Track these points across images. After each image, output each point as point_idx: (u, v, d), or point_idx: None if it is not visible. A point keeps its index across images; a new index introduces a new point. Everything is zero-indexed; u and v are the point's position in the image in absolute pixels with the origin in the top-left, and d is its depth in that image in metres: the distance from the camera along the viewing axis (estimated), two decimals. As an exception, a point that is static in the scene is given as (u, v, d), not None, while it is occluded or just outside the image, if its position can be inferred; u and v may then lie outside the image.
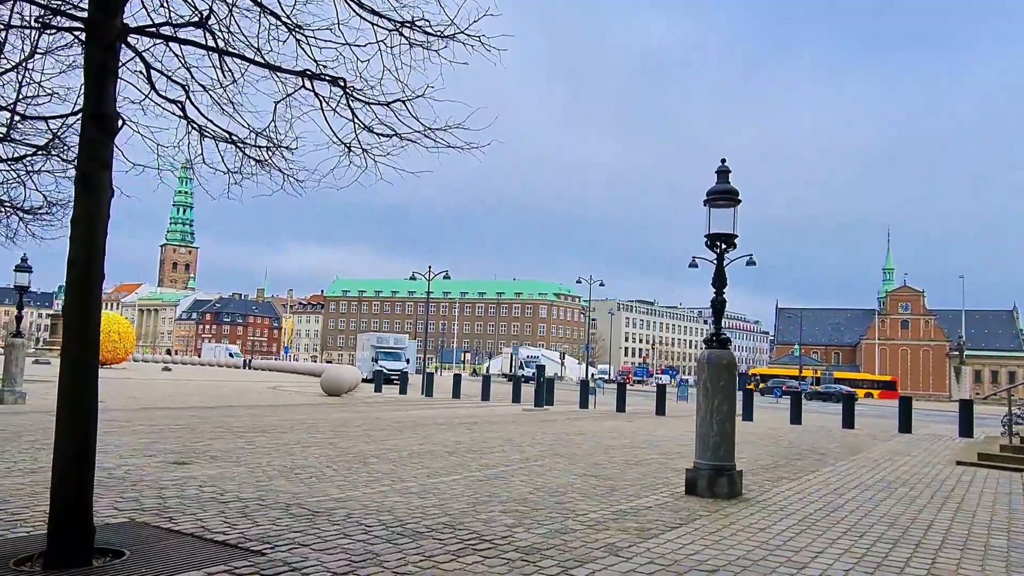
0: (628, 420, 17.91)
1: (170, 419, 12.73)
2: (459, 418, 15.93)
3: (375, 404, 19.78)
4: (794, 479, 8.53)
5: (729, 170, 7.24)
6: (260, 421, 13.08)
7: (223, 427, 11.71)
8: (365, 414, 15.84)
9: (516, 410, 19.98)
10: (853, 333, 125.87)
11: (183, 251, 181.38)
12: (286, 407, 17.18)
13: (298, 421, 13.40)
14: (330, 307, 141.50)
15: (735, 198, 7.13)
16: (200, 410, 15.06)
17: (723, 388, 6.89)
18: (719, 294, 7.16)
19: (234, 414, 14.36)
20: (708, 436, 6.85)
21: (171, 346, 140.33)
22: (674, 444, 12.17)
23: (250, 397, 20.34)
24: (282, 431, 11.51)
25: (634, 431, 14.60)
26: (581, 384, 23.40)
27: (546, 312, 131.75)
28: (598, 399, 24.16)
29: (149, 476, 7.03)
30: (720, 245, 7.16)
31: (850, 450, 12.47)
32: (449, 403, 22.52)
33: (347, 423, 13.45)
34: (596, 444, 11.65)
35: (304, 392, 24.08)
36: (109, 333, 37.59)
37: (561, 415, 18.85)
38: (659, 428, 15.75)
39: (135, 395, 18.73)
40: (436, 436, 11.75)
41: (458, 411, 18.51)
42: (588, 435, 13.20)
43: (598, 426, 15.49)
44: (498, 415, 17.68)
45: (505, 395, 29.55)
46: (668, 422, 17.98)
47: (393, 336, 40.30)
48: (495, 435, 12.38)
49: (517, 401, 23.54)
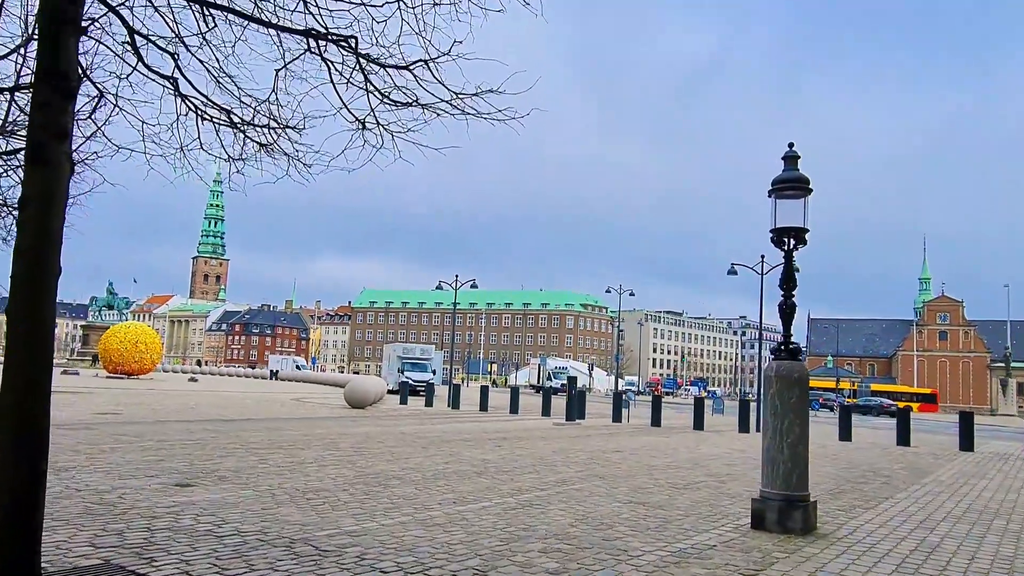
0: (665, 435, 16.90)
1: (184, 433, 12.07)
2: (487, 433, 15.08)
3: (400, 417, 19.02)
4: (868, 508, 7.52)
5: (798, 155, 6.34)
6: (278, 436, 12.36)
7: (237, 443, 11.01)
8: (389, 429, 15.07)
9: (546, 424, 19.07)
10: (888, 344, 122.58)
11: (214, 263, 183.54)
12: (307, 420, 16.49)
13: (318, 436, 12.66)
14: (357, 318, 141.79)
15: (805, 186, 6.22)
16: (217, 423, 14.41)
17: (794, 406, 5.96)
18: (788, 297, 6.23)
19: (252, 428, 13.68)
20: (777, 461, 5.91)
21: (201, 357, 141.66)
22: (721, 464, 11.18)
23: (272, 409, 19.71)
24: (299, 447, 10.76)
25: (675, 448, 13.61)
26: (614, 397, 22.39)
27: (573, 323, 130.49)
28: (631, 412, 23.12)
29: (144, 502, 6.29)
30: (788, 241, 6.24)
31: (916, 472, 11.35)
32: (476, 416, 21.67)
33: (369, 438, 12.67)
34: (637, 463, 10.71)
35: (328, 404, 23.42)
36: (136, 343, 37.47)
37: (594, 430, 17.89)
38: (701, 445, 14.73)
39: (154, 407, 18.20)
40: (463, 454, 10.92)
41: (486, 425, 17.66)
42: (626, 453, 12.26)
43: (635, 442, 14.53)
44: (528, 430, 16.80)
45: (534, 407, 28.61)
46: (709, 438, 16.93)
47: (419, 347, 39.59)
48: (526, 452, 11.50)
49: (547, 414, 22.61)
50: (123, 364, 37.37)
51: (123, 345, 37.17)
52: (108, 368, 38.07)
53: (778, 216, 6.29)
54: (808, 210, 6.23)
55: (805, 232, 6.23)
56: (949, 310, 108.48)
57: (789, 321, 6.19)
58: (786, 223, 6.24)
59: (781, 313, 6.22)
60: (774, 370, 6.07)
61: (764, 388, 6.14)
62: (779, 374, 6.04)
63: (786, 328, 6.20)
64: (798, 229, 6.22)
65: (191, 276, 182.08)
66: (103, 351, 38.12)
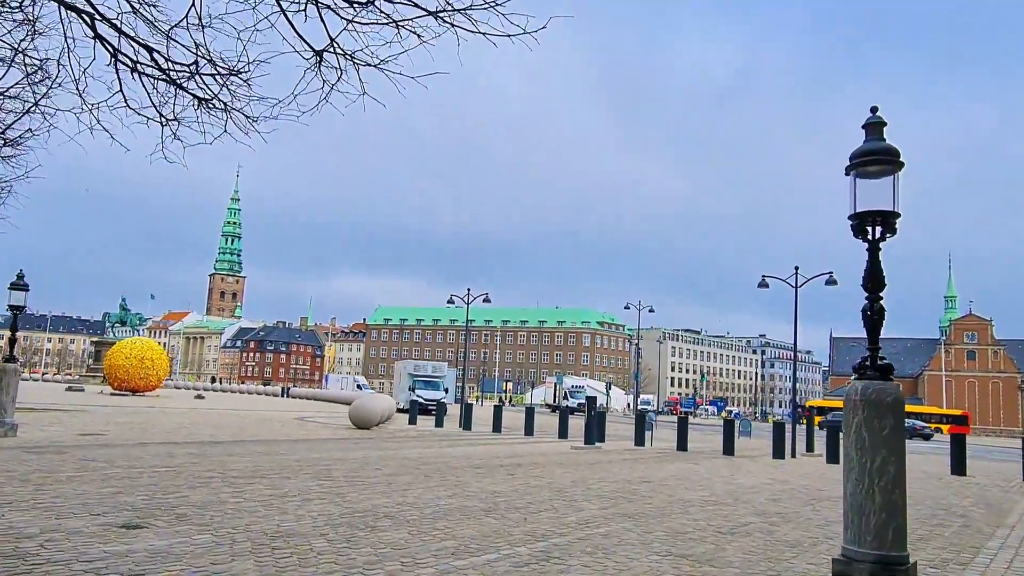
0: (694, 462, 15.47)
1: (162, 458, 10.87)
2: (499, 458, 13.76)
3: (406, 440, 17.73)
4: (964, 563, 6.13)
5: (883, 121, 5.05)
6: (266, 461, 11.12)
7: (217, 470, 9.78)
8: (391, 453, 13.79)
9: (564, 448, 17.69)
10: (914, 364, 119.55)
11: (231, 280, 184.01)
12: (305, 442, 15.26)
13: (310, 462, 11.40)
14: (372, 335, 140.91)
15: (895, 159, 4.93)
16: (205, 446, 13.21)
17: (888, 439, 4.63)
18: (875, 299, 4.92)
19: (240, 452, 12.46)
20: (867, 511, 4.57)
21: (216, 374, 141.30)
22: (766, 499, 9.78)
23: (270, 430, 18.51)
24: (286, 476, 9.52)
25: (708, 478, 12.20)
26: (636, 418, 20.96)
27: (590, 341, 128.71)
28: (655, 435, 21.66)
29: (73, 550, 5.07)
30: (873, 229, 4.94)
31: (993, 509, 9.88)
32: (488, 438, 20.33)
33: (367, 464, 11.40)
34: (669, 498, 9.34)
35: (332, 424, 22.19)
36: (142, 360, 36.54)
37: (616, 454, 16.50)
38: (736, 474, 13.30)
39: (145, 427, 17.07)
40: (470, 484, 9.61)
41: (498, 448, 16.33)
42: (655, 483, 10.89)
43: (663, 470, 13.13)
44: (544, 454, 15.44)
45: (550, 428, 27.20)
46: (742, 465, 15.48)
47: (431, 364, 38.30)
48: (542, 483, 10.17)
49: (564, 436, 21.22)
50: (128, 381, 36.43)
51: (128, 361, 36.25)
52: (113, 385, 37.16)
53: (859, 198, 5.00)
54: (899, 189, 4.94)
55: (895, 217, 4.93)
56: (977, 329, 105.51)
57: (877, 330, 4.87)
58: (870, 206, 4.95)
59: (866, 320, 4.90)
60: (860, 393, 4.74)
61: (847, 415, 4.81)
62: (867, 398, 4.71)
63: (873, 339, 4.88)
64: (886, 214, 4.92)
65: (208, 293, 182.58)
66: (108, 367, 37.24)
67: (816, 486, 11.91)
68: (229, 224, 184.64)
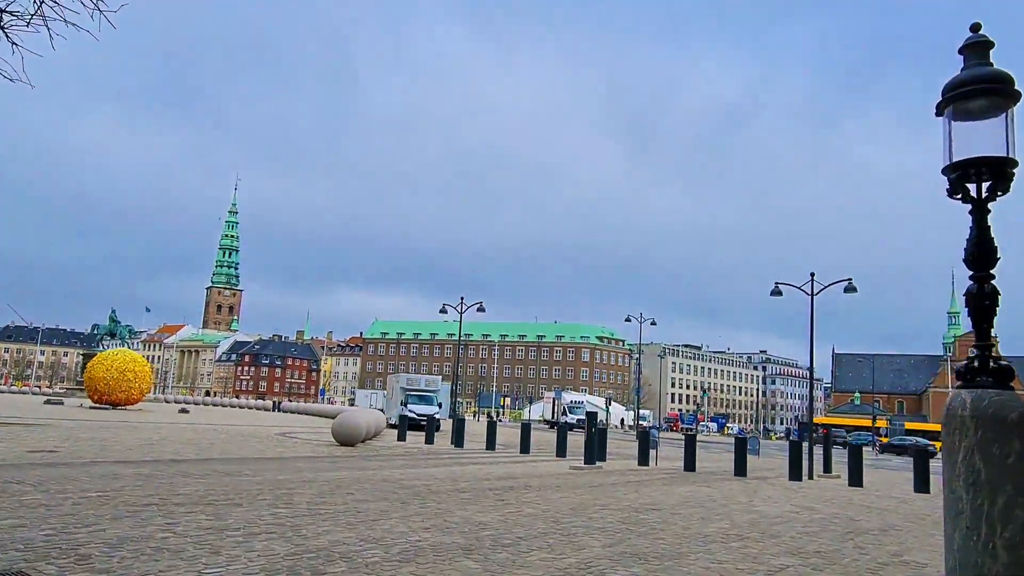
0: (706, 484, 14.09)
1: (101, 480, 9.51)
2: (490, 480, 12.38)
3: (391, 458, 16.34)
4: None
5: (990, 42, 3.78)
6: (222, 484, 9.76)
7: (160, 495, 8.43)
8: (370, 474, 12.42)
9: (562, 467, 16.30)
10: (918, 380, 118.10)
11: (227, 293, 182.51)
12: (276, 461, 13.88)
13: (274, 484, 10.04)
14: (368, 349, 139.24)
15: (1008, 88, 3.65)
16: (162, 465, 11.84)
17: (1012, 469, 3.31)
18: (983, 278, 3.62)
19: (198, 472, 11.09)
20: (986, 571, 3.25)
21: (210, 387, 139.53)
22: (798, 532, 8.42)
23: (244, 447, 17.12)
24: (236, 503, 8.16)
25: (723, 504, 10.83)
26: (638, 435, 19.57)
27: (589, 356, 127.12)
28: (659, 453, 20.24)
29: None
30: (978, 182, 3.66)
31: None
32: (481, 456, 18.93)
33: (339, 488, 10.04)
34: (684, 531, 7.98)
35: (315, 440, 20.78)
36: (123, 372, 35.09)
37: (619, 475, 15.12)
38: (754, 499, 11.92)
39: (107, 443, 15.69)
40: (453, 513, 8.26)
41: (491, 468, 14.95)
42: (666, 511, 9.52)
43: (672, 495, 11.76)
44: (540, 475, 14.07)
45: (547, 445, 25.78)
46: (759, 488, 14.10)
47: (424, 377, 36.83)
48: (536, 511, 8.81)
49: (562, 454, 19.82)
50: (108, 394, 34.97)
51: (109, 374, 34.81)
52: (94, 398, 35.70)
53: (956, 143, 3.72)
54: (1013, 129, 3.65)
55: (1011, 166, 3.64)
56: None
57: (990, 319, 3.58)
58: (973, 153, 3.67)
59: (973, 306, 3.60)
60: (971, 407, 3.43)
61: (949, 438, 3.50)
62: (981, 414, 3.39)
63: (985, 331, 3.57)
64: (996, 162, 3.64)
65: (204, 306, 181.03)
66: (88, 380, 35.77)
67: (848, 515, 10.54)
68: (227, 237, 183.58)
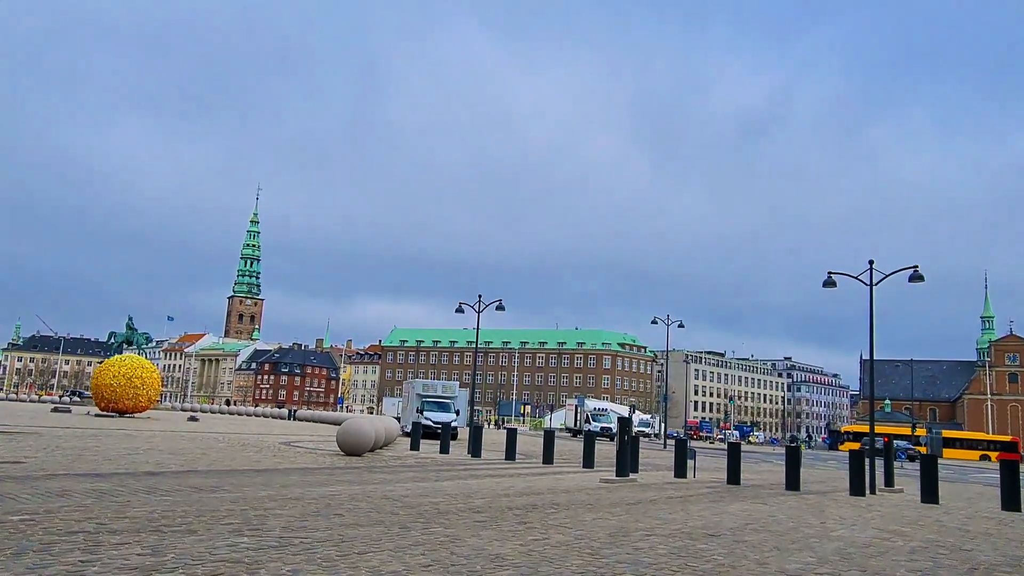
0: (760, 500, 12.22)
1: (44, 498, 7.91)
2: (510, 496, 10.64)
3: (399, 470, 14.67)
4: None
5: None
6: (187, 502, 8.12)
7: (100, 519, 6.80)
8: (371, 489, 10.73)
9: (591, 480, 14.50)
10: (951, 387, 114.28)
11: (249, 303, 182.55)
12: (268, 474, 12.24)
13: (250, 503, 8.38)
14: (387, 357, 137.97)
15: None
16: (127, 479, 10.25)
17: None
18: None
19: (167, 487, 9.46)
20: None
21: (230, 396, 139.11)
22: (906, 568, 6.57)
23: (239, 457, 15.54)
24: (190, 530, 6.50)
25: (793, 527, 8.99)
26: (676, 444, 17.69)
27: (610, 363, 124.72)
28: (697, 464, 18.33)
29: None
30: None
31: None
32: (500, 467, 17.20)
33: (328, 507, 8.36)
34: (761, 568, 6.18)
35: (320, 450, 19.17)
36: (130, 379, 33.74)
37: (656, 490, 13.30)
38: (825, 519, 10.06)
39: (87, 452, 14.19)
40: (464, 541, 6.54)
41: (511, 482, 13.20)
42: (727, 538, 7.71)
43: (726, 514, 9.92)
44: (567, 489, 12.29)
45: (572, 455, 23.98)
46: (823, 505, 12.20)
47: (441, 383, 35.09)
48: (567, 538, 7.05)
49: (589, 465, 18.00)
50: (115, 401, 33.69)
51: (116, 380, 33.52)
52: (100, 405, 34.47)
53: None
54: None
55: None
56: (1019, 350, 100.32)
57: None
58: None
59: None
60: None
61: None
62: None
63: None
64: None
65: (226, 315, 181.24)
66: (95, 387, 34.57)
67: (951, 542, 8.64)
68: (248, 247, 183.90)
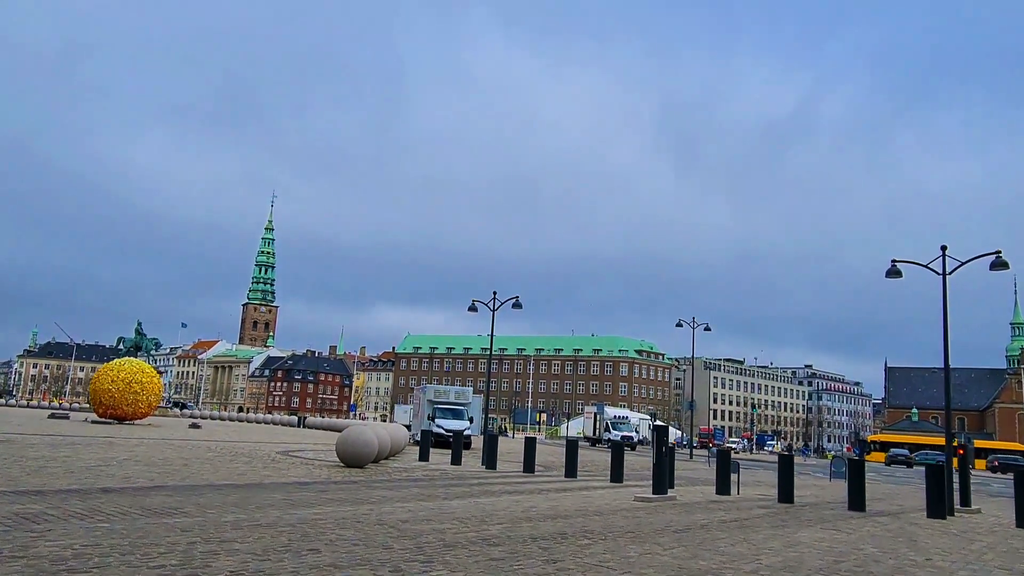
0: (830, 526, 10.29)
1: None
2: (532, 519, 8.80)
3: (402, 485, 12.87)
4: None
5: None
6: (124, 532, 6.37)
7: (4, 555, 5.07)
8: (365, 510, 8.93)
9: (624, 497, 12.63)
10: (980, 396, 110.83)
11: (263, 310, 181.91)
12: (247, 489, 10.49)
13: (206, 533, 6.62)
14: (401, 364, 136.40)
15: None
16: (73, 497, 8.53)
17: None
18: None
19: (113, 508, 7.72)
20: None
21: (243, 403, 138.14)
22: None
23: (224, 469, 13.81)
24: (116, 567, 4.74)
25: (897, 567, 7.09)
26: (719, 456, 15.75)
27: (627, 370, 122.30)
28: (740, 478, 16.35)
29: None
30: None
31: None
32: (519, 480, 15.37)
33: (304, 538, 6.58)
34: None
35: (318, 460, 17.42)
36: (130, 384, 32.21)
37: (702, 511, 11.40)
38: (930, 555, 8.14)
39: (52, 462, 12.53)
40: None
41: (532, 500, 11.36)
42: (823, 586, 5.84)
43: (799, 546, 8.03)
44: (599, 510, 10.43)
45: (594, 467, 22.06)
46: (907, 532, 10.25)
47: (454, 389, 33.28)
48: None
49: (618, 480, 16.12)
50: (114, 407, 32.14)
51: (115, 386, 31.98)
52: (99, 411, 32.96)
53: None
54: None
55: None
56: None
57: None
58: None
59: None
60: None
61: None
62: None
63: None
64: None
65: (241, 323, 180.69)
66: (93, 392, 33.05)
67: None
68: (263, 254, 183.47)
